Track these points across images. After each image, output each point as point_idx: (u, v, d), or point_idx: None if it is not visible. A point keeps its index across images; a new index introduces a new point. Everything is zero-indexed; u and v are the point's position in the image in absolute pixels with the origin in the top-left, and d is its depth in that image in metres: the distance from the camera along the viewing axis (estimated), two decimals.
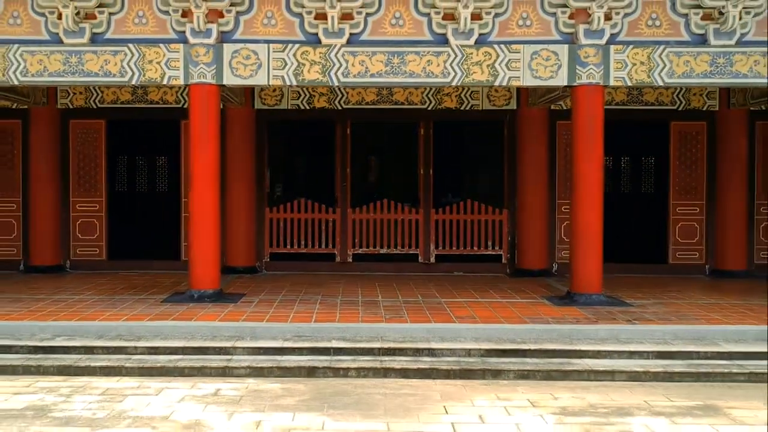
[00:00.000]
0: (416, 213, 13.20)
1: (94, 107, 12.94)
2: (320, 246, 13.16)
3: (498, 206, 13.18)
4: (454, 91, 12.93)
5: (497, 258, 13.15)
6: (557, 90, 10.71)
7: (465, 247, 13.13)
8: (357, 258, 13.15)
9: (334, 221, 13.17)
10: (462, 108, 12.98)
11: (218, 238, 9.92)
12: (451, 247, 13.14)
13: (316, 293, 10.41)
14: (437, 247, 13.17)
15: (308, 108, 13.01)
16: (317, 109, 13.03)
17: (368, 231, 13.16)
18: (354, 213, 13.19)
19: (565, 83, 9.67)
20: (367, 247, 13.16)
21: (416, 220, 13.19)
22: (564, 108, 12.10)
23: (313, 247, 13.15)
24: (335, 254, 13.16)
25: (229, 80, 9.66)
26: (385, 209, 13.17)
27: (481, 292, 10.63)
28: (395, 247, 13.16)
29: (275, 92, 12.96)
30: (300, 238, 13.13)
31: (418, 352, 7.46)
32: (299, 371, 7.06)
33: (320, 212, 13.16)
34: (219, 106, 9.93)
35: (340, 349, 7.49)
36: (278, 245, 13.16)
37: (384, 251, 13.15)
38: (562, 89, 10.28)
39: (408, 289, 10.90)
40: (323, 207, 13.17)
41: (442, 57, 9.64)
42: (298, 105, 13.00)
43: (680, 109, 12.91)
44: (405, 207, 13.21)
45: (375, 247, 13.15)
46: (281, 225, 13.17)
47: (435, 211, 13.18)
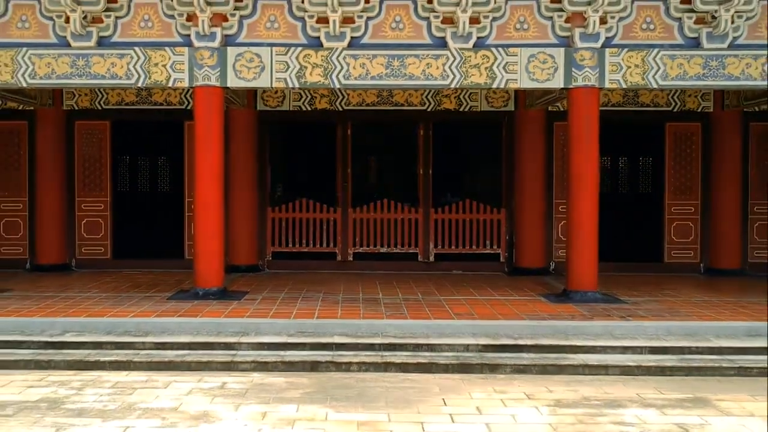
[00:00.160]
0: (416, 212, 13.39)
1: (99, 108, 13.12)
2: (321, 245, 13.35)
3: (496, 206, 13.37)
4: (453, 93, 13.11)
5: (496, 257, 13.35)
6: (554, 92, 10.91)
7: (464, 246, 13.32)
8: (358, 257, 13.34)
9: (335, 221, 13.36)
10: (461, 109, 13.16)
11: (222, 237, 10.13)
12: (450, 246, 13.33)
13: (318, 291, 10.61)
14: (436, 246, 13.36)
15: (310, 109, 13.19)
16: (318, 111, 13.21)
17: (369, 230, 13.35)
18: (354, 212, 13.37)
19: (562, 85, 9.86)
20: (368, 246, 13.35)
21: (416, 220, 13.38)
22: (561, 109, 12.26)
23: (315, 246, 13.34)
24: (336, 253, 13.36)
25: (233, 83, 9.86)
26: (386, 209, 13.36)
27: (480, 290, 10.82)
28: (395, 246, 13.35)
29: (277, 94, 13.14)
30: (301, 238, 13.33)
31: (418, 348, 7.68)
32: (302, 365, 7.27)
33: (321, 212, 13.35)
34: (223, 108, 10.13)
35: (342, 345, 7.70)
36: (280, 244, 13.36)
37: (384, 250, 13.34)
38: (559, 91, 10.48)
39: (408, 287, 11.09)
40: (324, 207, 13.37)
41: (441, 60, 9.83)
42: (300, 106, 13.18)
43: (675, 111, 13.10)
44: (405, 206, 13.40)
45: (375, 246, 13.34)
46: (283, 224, 13.36)
47: (434, 211, 13.37)
